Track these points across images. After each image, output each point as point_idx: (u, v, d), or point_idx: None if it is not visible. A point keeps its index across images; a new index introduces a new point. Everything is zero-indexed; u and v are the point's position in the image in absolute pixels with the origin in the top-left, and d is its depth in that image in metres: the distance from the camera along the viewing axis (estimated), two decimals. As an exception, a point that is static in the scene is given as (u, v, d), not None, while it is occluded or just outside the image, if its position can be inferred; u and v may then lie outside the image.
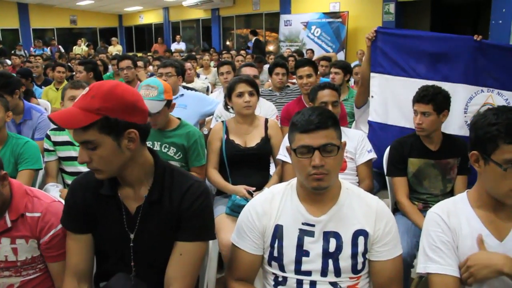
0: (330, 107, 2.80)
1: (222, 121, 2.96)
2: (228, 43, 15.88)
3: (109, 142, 1.43)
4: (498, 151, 1.46)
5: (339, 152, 1.59)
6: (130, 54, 14.18)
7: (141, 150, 1.54)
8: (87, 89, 1.45)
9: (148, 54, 13.58)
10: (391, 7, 10.79)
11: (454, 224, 1.58)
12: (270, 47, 13.48)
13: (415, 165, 2.74)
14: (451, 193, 2.72)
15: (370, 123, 3.56)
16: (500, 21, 9.22)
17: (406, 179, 2.75)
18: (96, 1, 16.62)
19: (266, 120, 2.94)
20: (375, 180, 3.20)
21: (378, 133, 3.51)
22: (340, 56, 11.08)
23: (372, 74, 3.52)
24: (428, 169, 2.73)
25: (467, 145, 1.62)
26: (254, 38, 12.54)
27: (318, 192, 1.61)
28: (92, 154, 1.44)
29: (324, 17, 11.59)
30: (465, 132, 3.23)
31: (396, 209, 2.83)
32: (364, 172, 2.87)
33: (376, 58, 3.51)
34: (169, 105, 2.68)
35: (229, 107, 2.94)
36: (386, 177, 2.93)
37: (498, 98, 3.29)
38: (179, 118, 2.83)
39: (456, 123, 3.27)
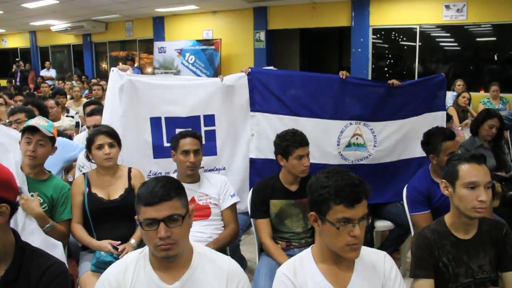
0: (191, 156, 2.84)
1: (84, 174, 2.87)
2: (104, 65, 15.33)
3: None
4: (331, 211, 1.59)
5: (185, 221, 1.63)
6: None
7: (6, 228, 1.59)
8: None
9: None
10: (262, 35, 11.22)
11: (300, 282, 1.69)
12: (149, 70, 13.24)
13: (277, 206, 2.85)
14: (312, 230, 2.87)
15: (254, 160, 3.58)
16: (360, 49, 10.06)
17: (269, 220, 2.85)
18: None
19: (130, 170, 2.90)
20: (246, 217, 3.28)
21: (262, 167, 3.56)
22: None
23: (251, 113, 3.59)
24: (290, 209, 2.85)
25: None
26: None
27: (169, 260, 1.63)
28: None
29: (197, 44, 11.71)
30: (338, 161, 3.53)
31: (262, 249, 2.92)
32: (229, 216, 2.94)
33: (253, 97, 3.59)
34: (53, 143, 2.72)
35: (90, 158, 2.87)
36: (251, 219, 3.01)
37: (364, 128, 3.63)
38: (49, 171, 2.78)
39: (330, 155, 3.54)
